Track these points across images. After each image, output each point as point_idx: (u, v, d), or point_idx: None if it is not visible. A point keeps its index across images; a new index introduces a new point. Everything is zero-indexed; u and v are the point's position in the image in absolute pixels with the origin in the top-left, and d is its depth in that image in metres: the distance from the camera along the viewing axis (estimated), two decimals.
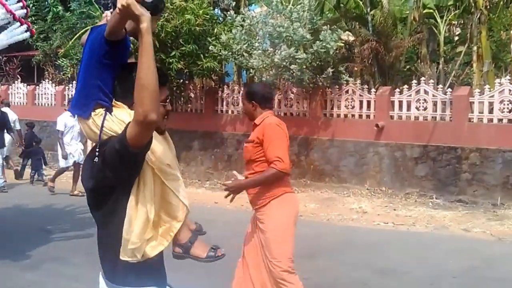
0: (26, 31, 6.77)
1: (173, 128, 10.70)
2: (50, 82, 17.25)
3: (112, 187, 2.22)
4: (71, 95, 16.01)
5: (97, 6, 18.43)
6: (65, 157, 10.69)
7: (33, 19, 19.71)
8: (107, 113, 2.28)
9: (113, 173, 2.17)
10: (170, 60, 12.07)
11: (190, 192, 11.48)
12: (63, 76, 17.48)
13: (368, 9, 12.76)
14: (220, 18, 14.20)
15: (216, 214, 8.89)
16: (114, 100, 2.32)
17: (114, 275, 2.27)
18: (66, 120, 10.66)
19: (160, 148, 2.27)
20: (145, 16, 2.05)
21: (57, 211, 9.37)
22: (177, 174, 2.28)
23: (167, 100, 2.38)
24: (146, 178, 2.21)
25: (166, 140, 2.43)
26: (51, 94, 16.66)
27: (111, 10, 2.30)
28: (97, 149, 2.26)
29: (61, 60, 17.55)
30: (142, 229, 2.17)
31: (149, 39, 2.05)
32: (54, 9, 19.46)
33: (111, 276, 2.28)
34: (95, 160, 2.23)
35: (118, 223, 2.20)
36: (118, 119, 2.26)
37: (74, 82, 16.16)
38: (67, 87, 16.31)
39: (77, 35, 17.18)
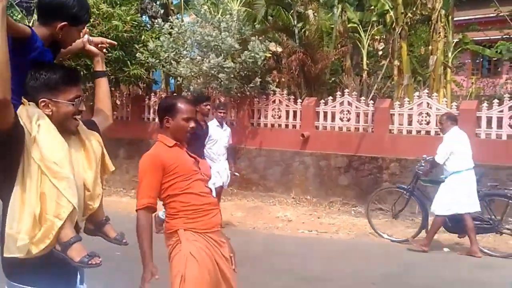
0: None
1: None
2: None
3: None
4: None
5: (18, 9, 17.81)
6: None
7: None
8: None
9: None
10: None
11: (114, 200, 11.27)
12: None
13: (295, 22, 13.03)
14: (148, 25, 14.06)
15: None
16: (23, 98, 2.34)
17: (5, 269, 2.30)
18: (212, 130, 8.57)
19: (48, 146, 2.25)
20: None
21: None
22: (66, 173, 2.25)
23: (77, 99, 2.40)
24: (32, 174, 2.20)
25: (80, 141, 2.46)
26: None
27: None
28: None
29: None
30: (32, 225, 2.18)
31: None
32: None
33: (4, 270, 2.31)
34: None
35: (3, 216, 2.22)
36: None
37: None
38: None
39: None
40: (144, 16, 14.68)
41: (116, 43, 3.28)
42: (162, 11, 14.58)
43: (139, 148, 12.93)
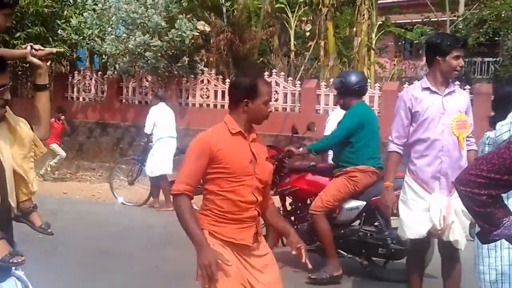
0: None
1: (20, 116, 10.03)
2: None
3: None
4: None
5: None
6: None
7: None
8: None
9: None
10: (15, 42, 11.31)
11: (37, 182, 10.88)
12: None
13: (224, 1, 12.95)
14: (71, 1, 13.56)
15: (65, 204, 8.52)
16: None
17: None
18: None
19: None
20: None
21: None
22: None
23: (2, 88, 2.29)
24: None
25: (9, 127, 2.41)
26: None
27: None
28: None
29: None
30: None
31: None
32: None
33: None
34: None
35: None
36: None
37: None
38: None
39: None
40: None
41: (62, 49, 3.14)
42: None
43: None
